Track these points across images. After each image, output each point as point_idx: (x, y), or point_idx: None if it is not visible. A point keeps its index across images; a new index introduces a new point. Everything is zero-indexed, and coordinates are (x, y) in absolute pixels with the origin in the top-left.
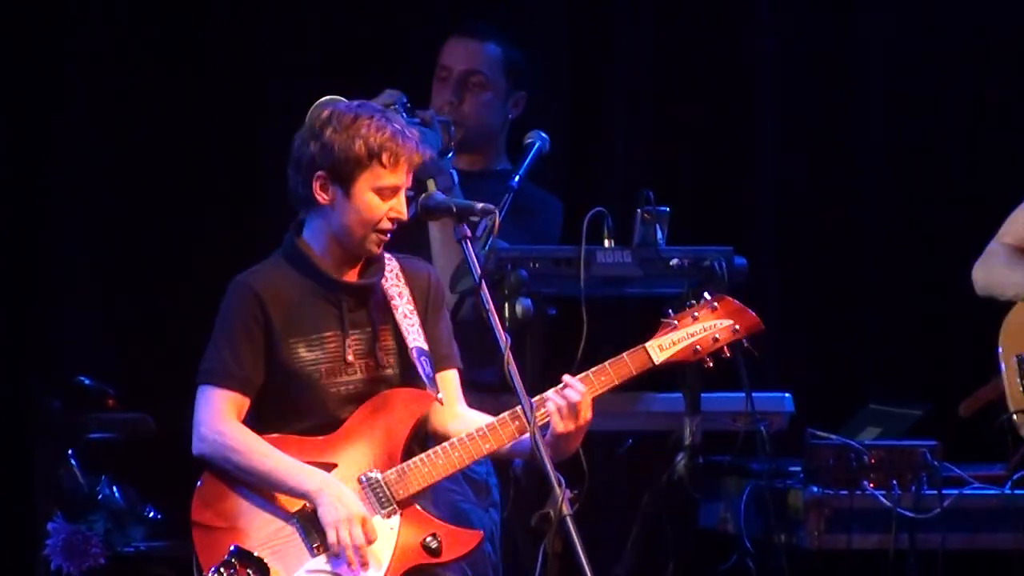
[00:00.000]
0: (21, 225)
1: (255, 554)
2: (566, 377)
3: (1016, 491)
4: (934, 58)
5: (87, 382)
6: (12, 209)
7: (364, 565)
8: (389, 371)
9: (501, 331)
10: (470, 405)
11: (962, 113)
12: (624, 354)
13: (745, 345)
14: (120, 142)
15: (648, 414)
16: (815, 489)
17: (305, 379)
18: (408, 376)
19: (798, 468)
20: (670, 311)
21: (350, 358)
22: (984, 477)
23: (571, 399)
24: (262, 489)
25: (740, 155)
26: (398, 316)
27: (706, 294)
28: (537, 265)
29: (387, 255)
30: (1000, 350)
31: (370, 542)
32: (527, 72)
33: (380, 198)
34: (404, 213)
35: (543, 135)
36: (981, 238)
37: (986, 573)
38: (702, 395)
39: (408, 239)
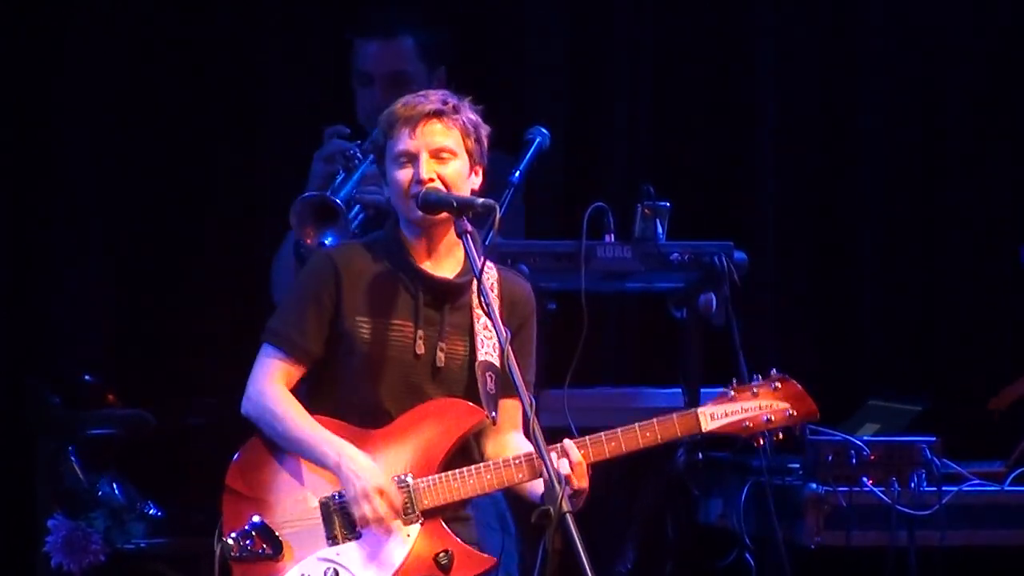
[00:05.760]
0: (22, 222)
1: (274, 531)
2: (566, 442)
3: (1015, 487)
4: (936, 47)
5: (87, 379)
6: (13, 205)
7: (388, 533)
8: (450, 377)
9: (501, 327)
10: None
11: (963, 110)
12: (674, 415)
13: (796, 434)
14: (121, 141)
15: (648, 410)
16: (814, 485)
17: (359, 358)
18: (471, 389)
19: (797, 464)
20: (733, 381)
21: (420, 350)
22: (983, 473)
23: (561, 470)
24: (298, 468)
25: (740, 150)
26: (477, 326)
27: (773, 371)
28: (537, 260)
29: (490, 264)
30: None
31: (393, 509)
32: (444, 43)
33: (398, 167)
34: (424, 173)
35: (543, 131)
36: (981, 234)
37: (985, 569)
38: (702, 390)
39: None
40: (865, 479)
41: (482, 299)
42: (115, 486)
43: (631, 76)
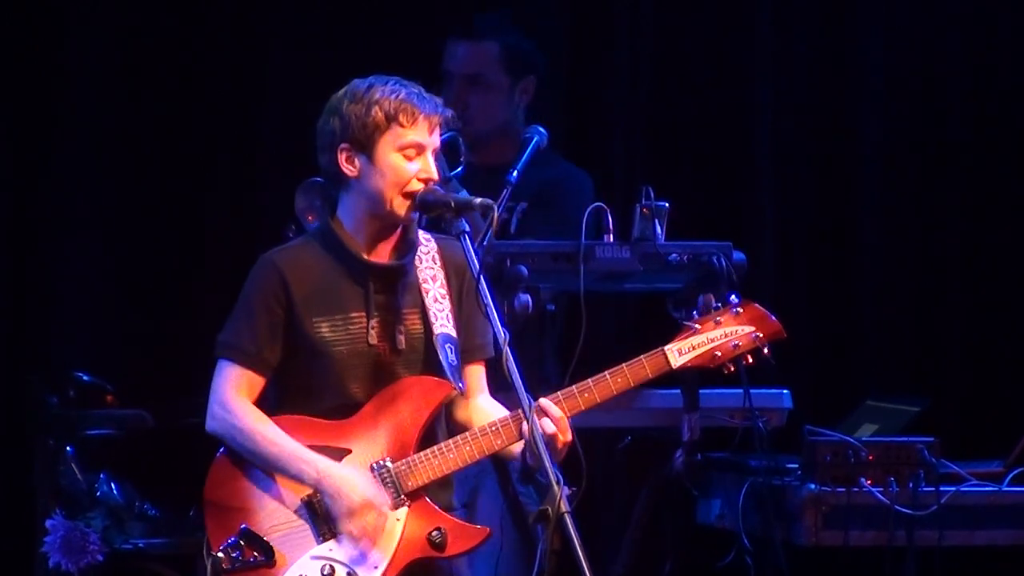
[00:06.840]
0: (20, 222)
1: (262, 536)
2: (542, 401)
3: (1013, 488)
4: (936, 47)
5: (85, 378)
6: (11, 206)
7: (374, 544)
8: (413, 356)
9: (500, 329)
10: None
11: (963, 110)
12: (642, 357)
13: (765, 353)
14: (119, 140)
15: (646, 411)
16: (812, 486)
17: (326, 358)
18: (432, 363)
19: (796, 465)
20: (695, 313)
21: (373, 340)
22: (981, 474)
23: (546, 430)
24: (274, 471)
25: (740, 151)
26: (428, 300)
27: (733, 297)
28: (536, 260)
29: (426, 236)
30: None
31: (379, 526)
32: (531, 54)
33: (405, 158)
34: (433, 173)
35: (541, 130)
36: (980, 234)
37: (983, 570)
38: (700, 391)
39: None
40: (863, 479)
41: (481, 300)
42: (113, 486)
43: (630, 76)
